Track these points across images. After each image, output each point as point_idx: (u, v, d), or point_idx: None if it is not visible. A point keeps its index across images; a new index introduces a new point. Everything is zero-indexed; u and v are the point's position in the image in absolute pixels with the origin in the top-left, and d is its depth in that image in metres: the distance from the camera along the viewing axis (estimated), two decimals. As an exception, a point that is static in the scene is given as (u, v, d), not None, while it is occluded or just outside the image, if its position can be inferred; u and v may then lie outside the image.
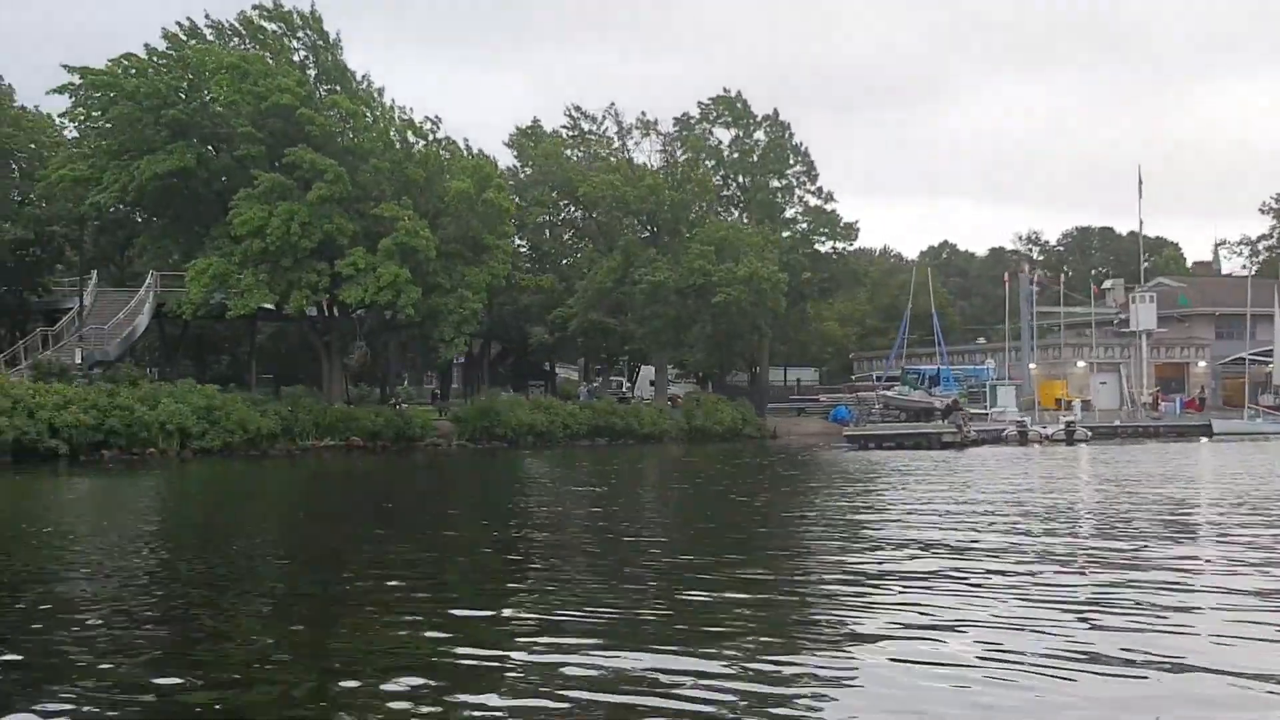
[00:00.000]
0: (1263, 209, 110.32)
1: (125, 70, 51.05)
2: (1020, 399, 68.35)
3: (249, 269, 49.27)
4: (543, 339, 75.13)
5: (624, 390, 79.49)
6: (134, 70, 51.09)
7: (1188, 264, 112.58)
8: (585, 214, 71.00)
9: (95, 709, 7.56)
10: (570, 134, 75.13)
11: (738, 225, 71.13)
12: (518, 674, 8.16)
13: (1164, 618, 10.00)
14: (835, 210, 77.85)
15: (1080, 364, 76.90)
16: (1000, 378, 72.21)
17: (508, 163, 71.10)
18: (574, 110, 75.62)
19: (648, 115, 74.75)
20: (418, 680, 7.94)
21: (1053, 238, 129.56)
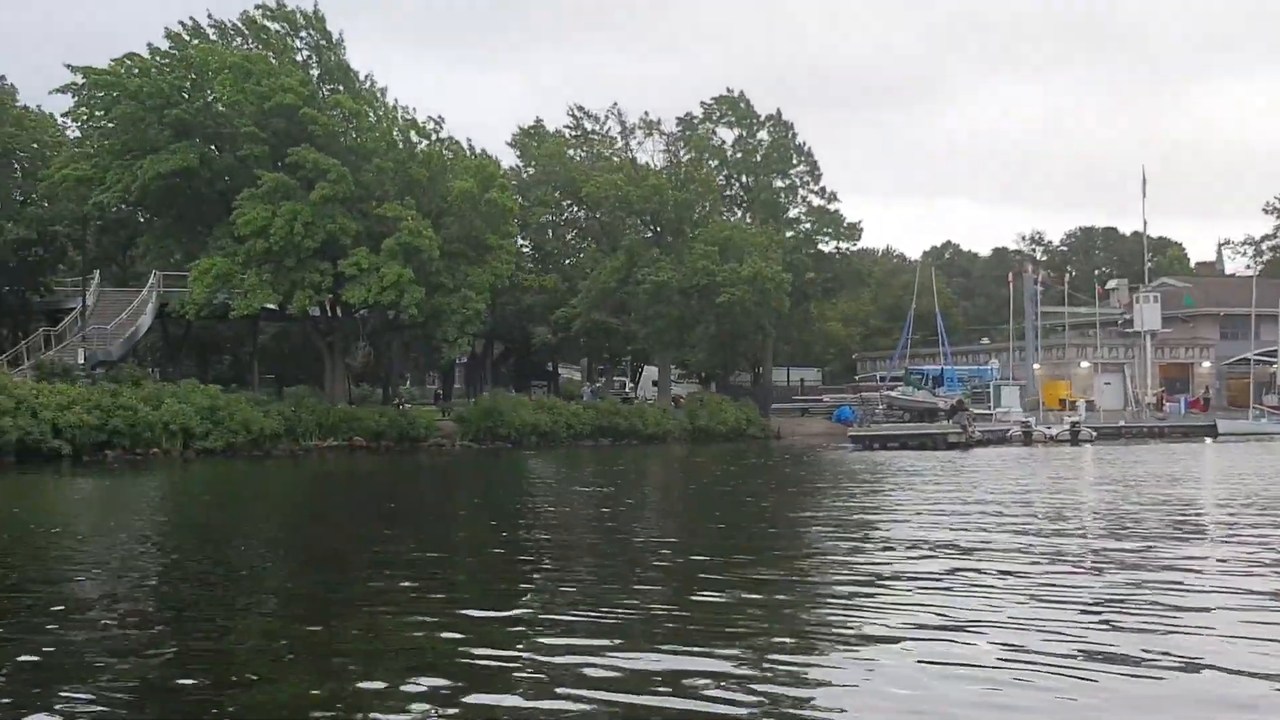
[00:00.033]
0: (1266, 209, 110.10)
1: (128, 70, 50.97)
2: (1024, 399, 68.26)
3: (252, 269, 49.20)
4: (546, 339, 75.05)
5: (627, 390, 79.36)
6: (137, 70, 51.01)
7: (1191, 264, 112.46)
8: (588, 214, 70.90)
9: (111, 709, 7.52)
10: (573, 134, 75.02)
11: (741, 225, 71.01)
12: (535, 674, 8.11)
13: (1180, 618, 10.03)
14: (839, 210, 77.82)
15: (1084, 364, 76.77)
16: (1004, 378, 72.12)
17: (510, 162, 71.03)
18: (577, 110, 75.60)
19: (650, 115, 74.87)
20: (436, 680, 7.91)
21: (1055, 238, 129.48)
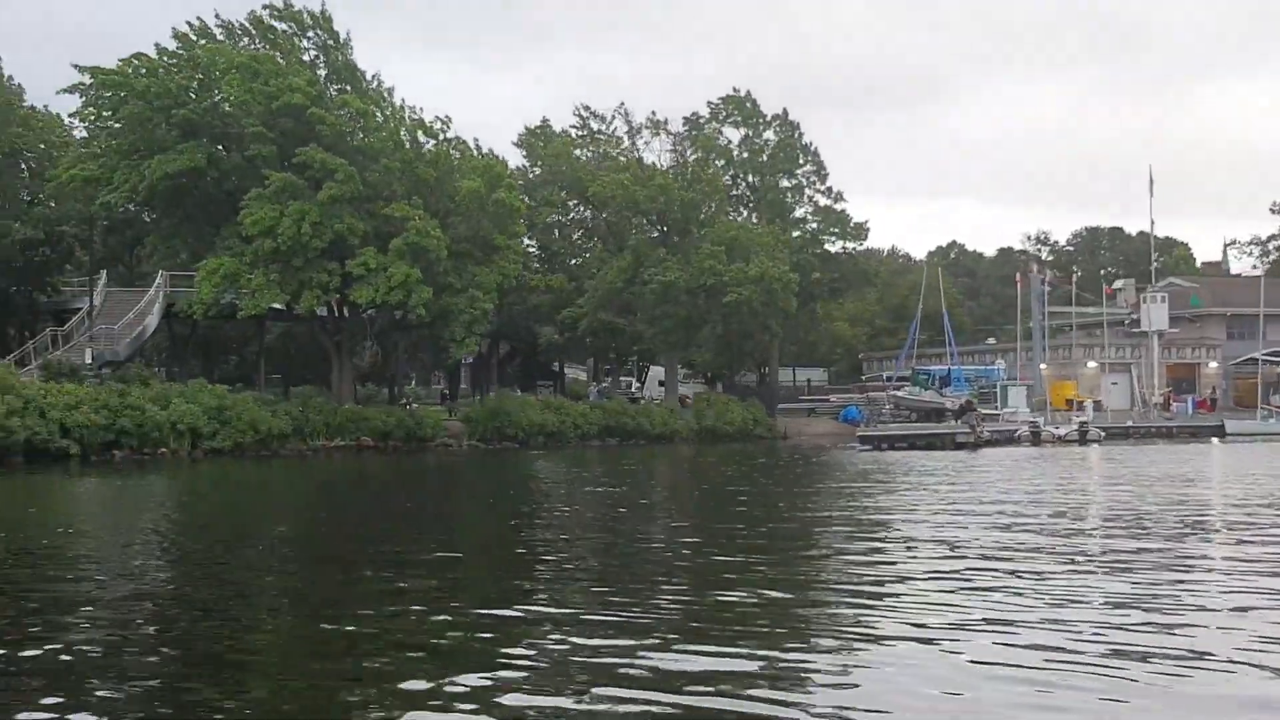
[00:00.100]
0: (1274, 209, 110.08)
1: (136, 70, 50.96)
2: (1031, 399, 68.14)
3: (260, 269, 49.17)
4: (552, 339, 74.98)
5: (633, 390, 79.27)
6: (144, 70, 51.00)
7: (1197, 264, 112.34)
8: (595, 214, 70.84)
9: (141, 706, 7.45)
10: (579, 134, 74.98)
11: (748, 225, 70.91)
12: (570, 674, 8.02)
13: (1212, 618, 9.98)
14: (845, 210, 77.80)
15: (1091, 364, 76.68)
16: (1011, 378, 72.00)
17: (517, 162, 71.05)
18: (583, 110, 75.61)
19: (657, 115, 74.84)
20: (470, 679, 7.82)
21: (1061, 238, 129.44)
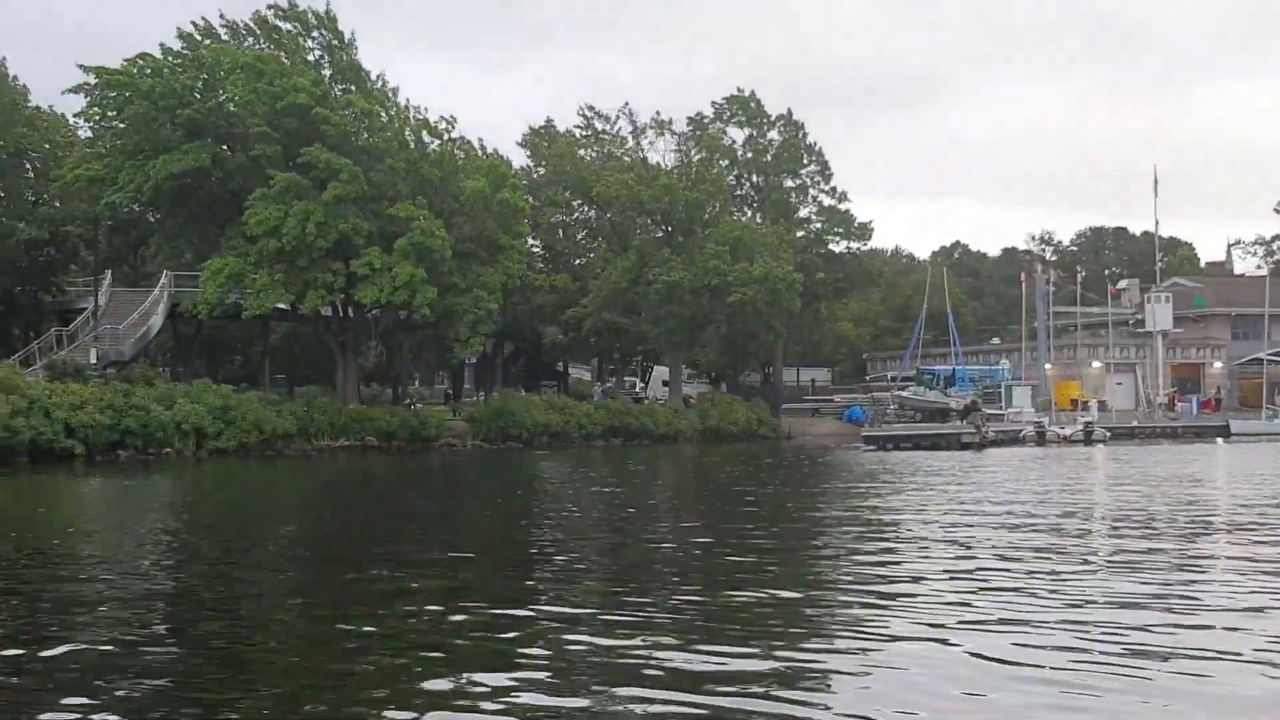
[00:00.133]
0: (1277, 209, 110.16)
1: (141, 70, 50.97)
2: (1036, 400, 68.02)
3: (264, 269, 49.17)
4: (556, 339, 74.93)
5: (637, 390, 79.22)
6: (149, 70, 51.01)
7: (1201, 264, 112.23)
8: (599, 214, 70.79)
9: (153, 708, 7.43)
10: (584, 134, 74.94)
11: (752, 225, 70.83)
12: (590, 673, 8.01)
13: (1227, 618, 9.98)
14: (849, 210, 77.71)
15: (1096, 364, 76.56)
16: (1016, 378, 71.88)
17: (521, 163, 71.03)
18: (587, 110, 75.57)
19: (661, 115, 74.78)
20: (494, 679, 7.81)
21: (1065, 238, 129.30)
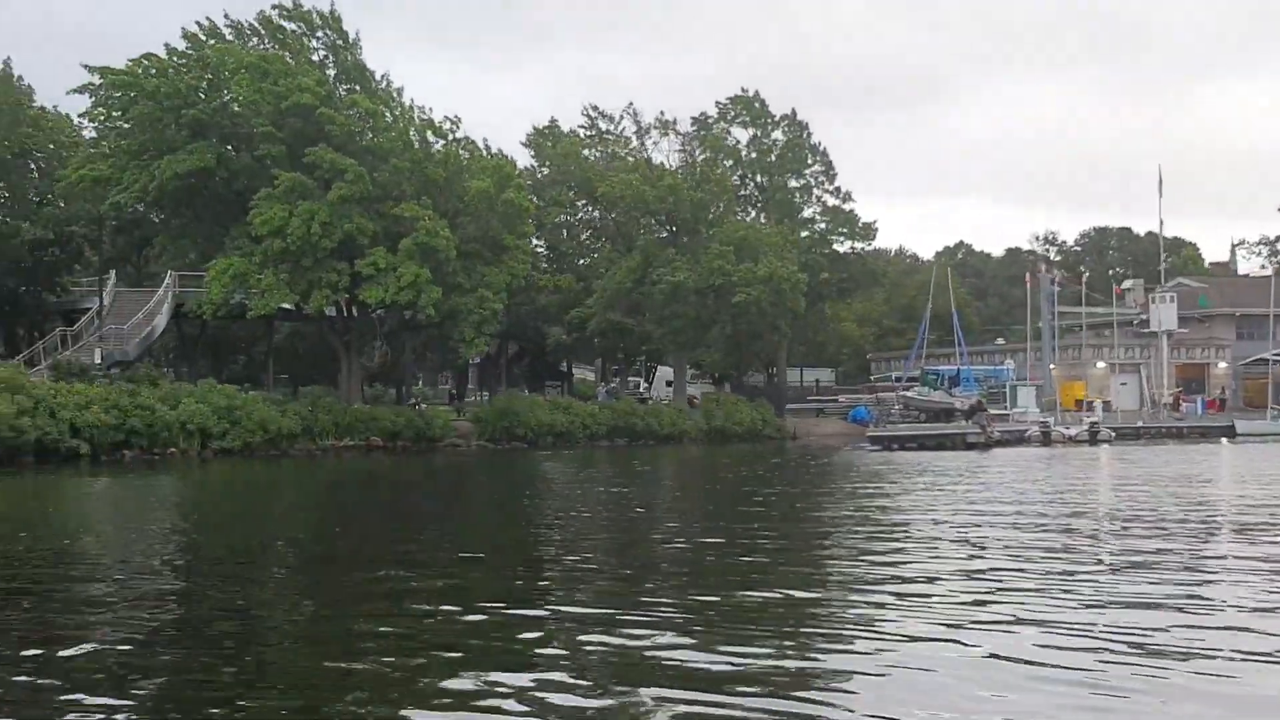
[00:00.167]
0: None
1: (145, 70, 50.95)
2: (1041, 400, 67.97)
3: (269, 269, 49.16)
4: (560, 339, 74.90)
5: (642, 391, 79.19)
6: (154, 70, 50.99)
7: (1205, 264, 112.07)
8: (603, 214, 70.76)
9: (172, 708, 7.42)
10: (588, 134, 74.89)
11: (756, 225, 70.83)
12: (607, 673, 7.97)
13: (1244, 618, 9.91)
14: (853, 210, 77.64)
15: (1100, 365, 76.48)
16: (1020, 378, 71.82)
17: (525, 162, 70.95)
18: (591, 110, 75.52)
19: (665, 115, 74.73)
20: (513, 678, 7.78)
21: (1069, 238, 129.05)
